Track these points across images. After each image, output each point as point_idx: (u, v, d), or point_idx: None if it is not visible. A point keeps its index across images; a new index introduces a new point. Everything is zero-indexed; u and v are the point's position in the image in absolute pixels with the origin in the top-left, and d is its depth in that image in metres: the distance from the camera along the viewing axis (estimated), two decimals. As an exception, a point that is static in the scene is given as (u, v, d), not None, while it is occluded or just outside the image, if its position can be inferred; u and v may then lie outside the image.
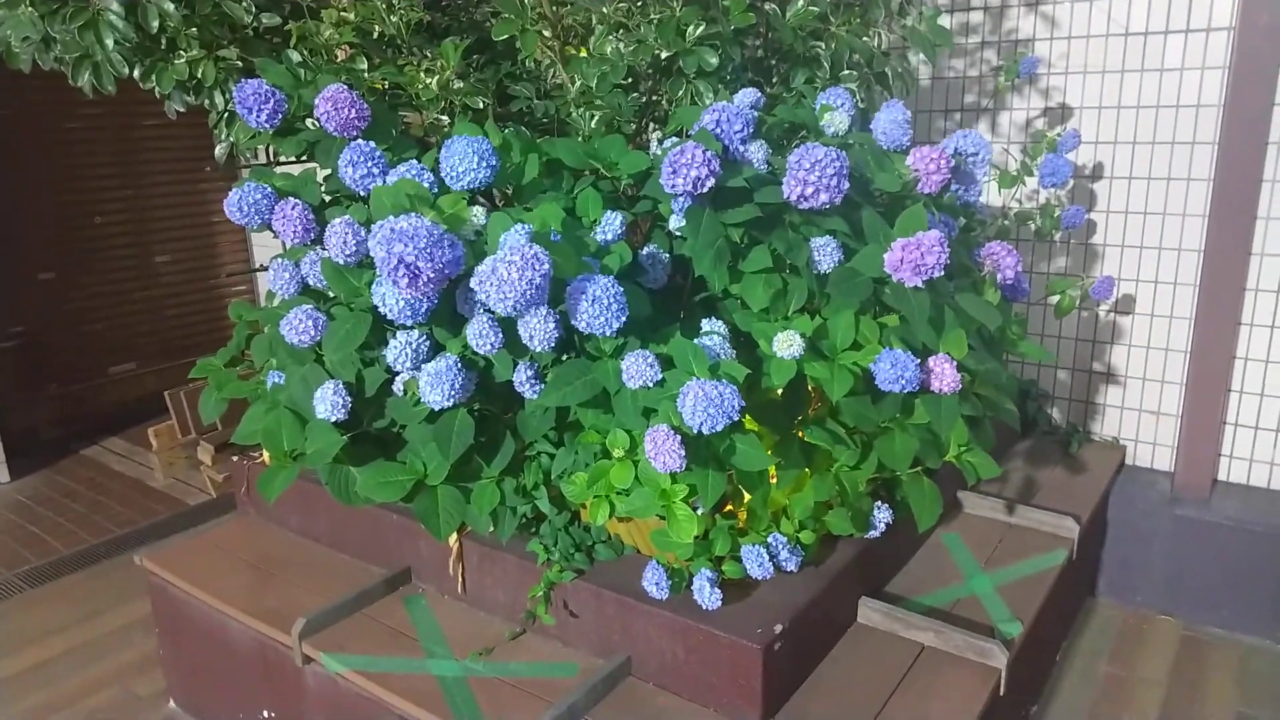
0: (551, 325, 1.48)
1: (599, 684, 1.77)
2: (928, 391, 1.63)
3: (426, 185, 1.75)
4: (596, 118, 2.05)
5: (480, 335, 1.62)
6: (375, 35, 2.25)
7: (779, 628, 1.69)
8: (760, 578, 1.76)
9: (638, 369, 1.55)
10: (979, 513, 2.50)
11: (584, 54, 2.10)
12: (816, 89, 2.01)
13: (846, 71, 2.09)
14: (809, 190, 1.52)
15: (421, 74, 2.10)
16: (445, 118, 2.17)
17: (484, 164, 1.71)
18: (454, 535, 2.09)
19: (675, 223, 1.67)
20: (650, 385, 1.54)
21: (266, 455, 2.36)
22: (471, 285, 1.43)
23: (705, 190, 1.52)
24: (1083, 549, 2.51)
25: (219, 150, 2.37)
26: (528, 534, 2.00)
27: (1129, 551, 2.80)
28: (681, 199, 1.63)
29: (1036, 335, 3.08)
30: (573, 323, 1.53)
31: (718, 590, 1.70)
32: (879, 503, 1.97)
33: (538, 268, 1.39)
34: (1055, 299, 2.53)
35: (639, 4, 1.89)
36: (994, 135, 3.02)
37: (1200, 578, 2.69)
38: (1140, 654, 2.62)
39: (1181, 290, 2.78)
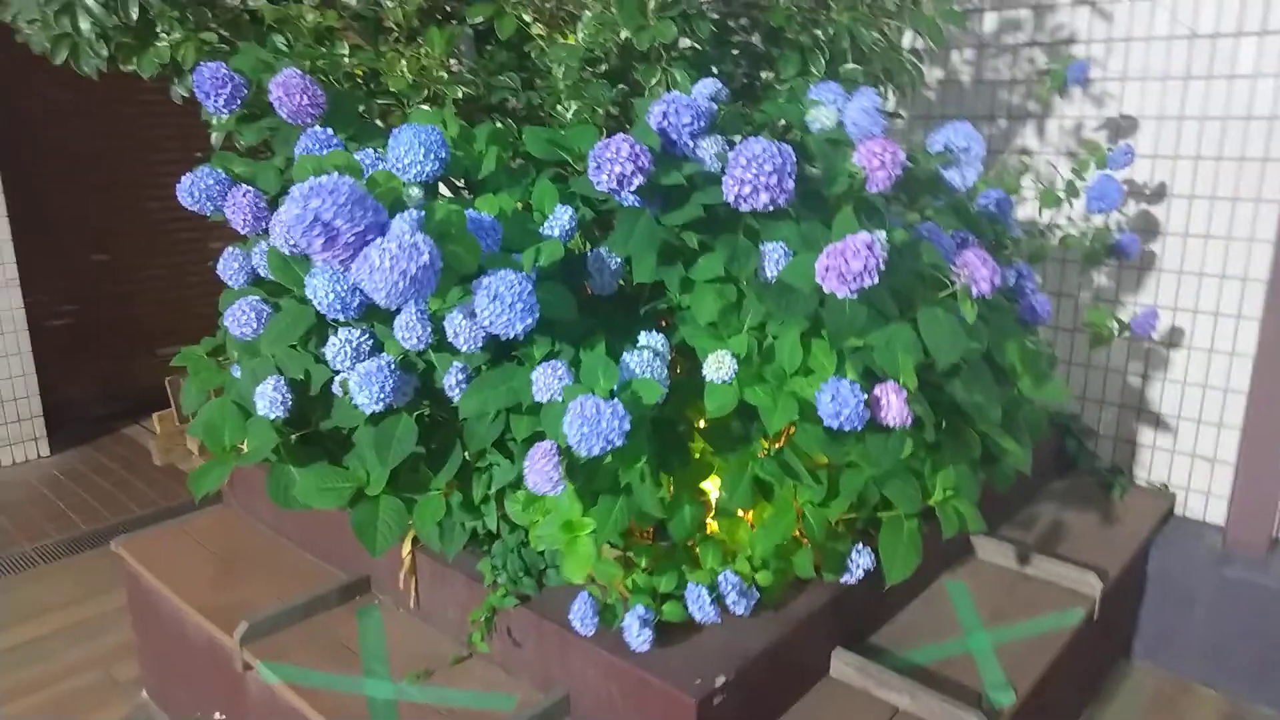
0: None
1: (528, 722, 1.64)
2: (877, 425, 1.45)
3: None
4: (574, 109, 1.92)
5: (407, 328, 1.51)
6: (374, 21, 2.18)
7: (721, 679, 1.52)
8: (701, 620, 1.59)
9: (545, 380, 1.42)
10: (992, 559, 2.27)
11: (571, 40, 1.98)
12: (808, 82, 1.83)
13: (850, 66, 1.90)
14: (746, 190, 1.36)
15: (401, 61, 2.01)
16: (427, 107, 2.08)
17: (431, 155, 1.60)
18: (406, 547, 1.98)
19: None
20: (558, 398, 1.41)
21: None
22: (350, 270, 1.30)
23: (632, 188, 1.37)
24: (1111, 607, 2.26)
25: (215, 137, 2.33)
26: (481, 551, 1.89)
27: (1170, 612, 2.51)
28: (625, 197, 1.49)
29: (1080, 365, 2.81)
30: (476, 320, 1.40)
31: (649, 630, 1.55)
32: (859, 545, 1.78)
33: (415, 258, 1.26)
34: (1093, 329, 2.29)
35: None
36: (1042, 143, 2.77)
37: (1250, 648, 2.39)
38: (1173, 728, 2.36)
39: (1245, 324, 2.48)
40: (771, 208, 1.41)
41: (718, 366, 1.43)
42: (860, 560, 1.76)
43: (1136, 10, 2.52)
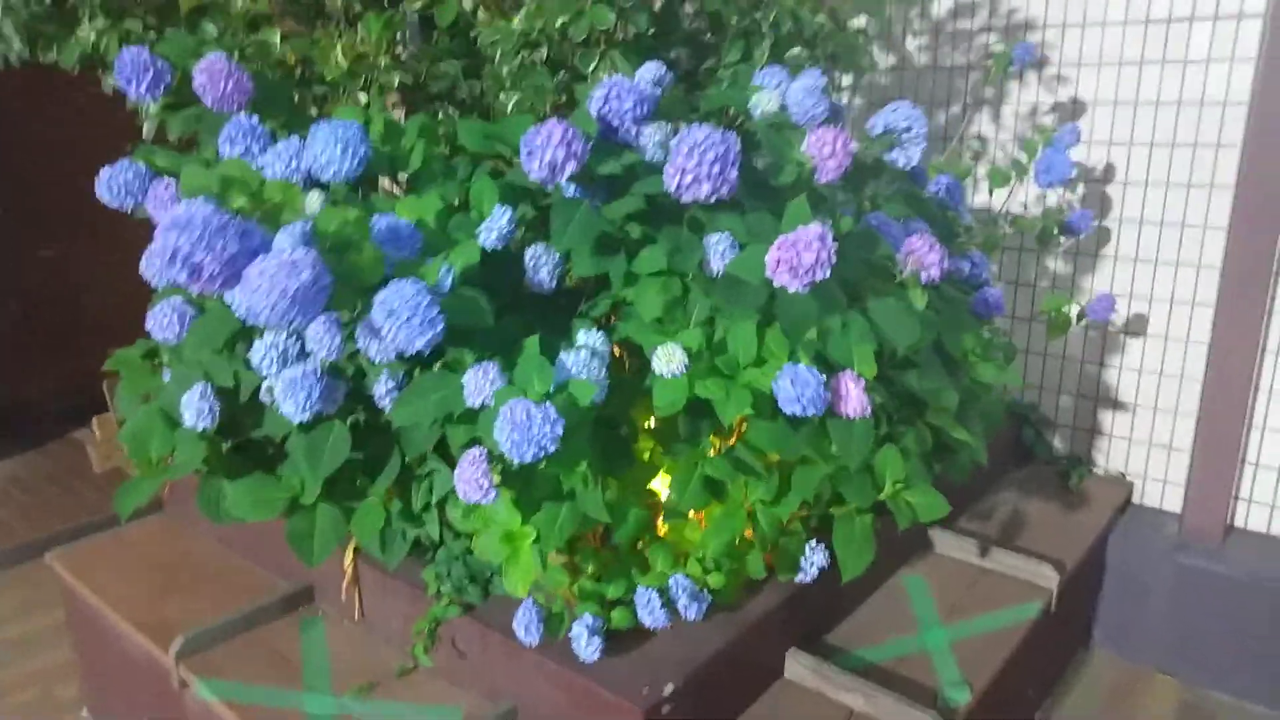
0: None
1: (472, 736, 1.58)
2: (836, 416, 1.41)
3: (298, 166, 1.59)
4: (515, 98, 1.85)
5: (317, 339, 1.44)
6: (312, 6, 2.10)
7: (669, 688, 1.48)
8: (651, 626, 1.55)
9: (476, 384, 1.36)
10: (950, 553, 2.24)
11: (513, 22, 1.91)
12: (752, 67, 1.78)
13: (795, 50, 1.85)
14: (688, 179, 1.31)
15: (336, 49, 1.93)
16: (364, 95, 2.00)
17: (349, 153, 1.53)
18: (349, 556, 1.92)
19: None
20: (491, 403, 1.35)
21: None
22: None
23: (565, 175, 1.31)
24: (1070, 598, 2.24)
25: (146, 128, 2.23)
26: (425, 560, 1.82)
27: (1128, 601, 2.51)
28: (565, 187, 1.43)
29: (1038, 354, 2.80)
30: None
31: (597, 639, 1.50)
32: (813, 542, 1.74)
33: (295, 274, 1.18)
34: (1050, 317, 2.27)
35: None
36: (999, 130, 2.75)
37: (1206, 635, 2.39)
38: (1132, 717, 2.34)
39: (1200, 311, 2.48)
40: (714, 198, 1.36)
41: (668, 360, 1.38)
42: (814, 558, 1.72)
43: (1090, -5, 2.50)
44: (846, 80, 3.03)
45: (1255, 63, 2.25)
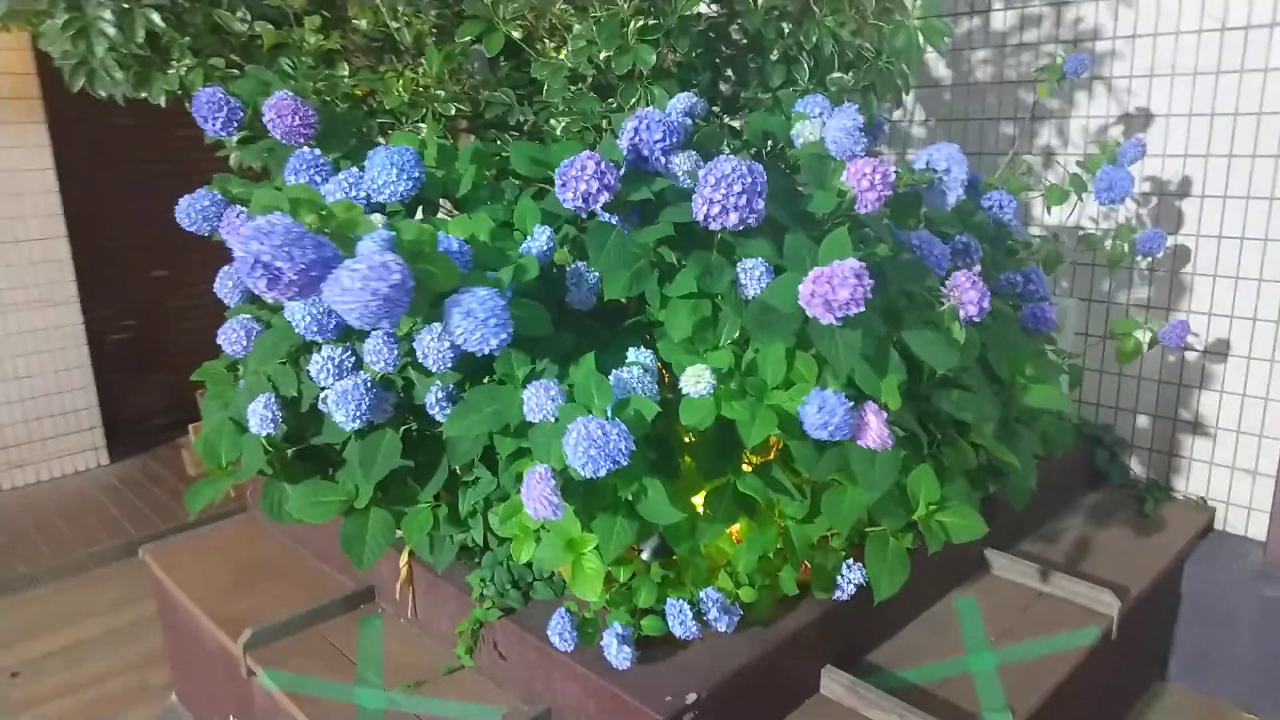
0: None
1: (507, 736, 1.64)
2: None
3: (358, 194, 1.70)
4: (563, 124, 1.93)
5: (375, 352, 1.54)
6: (388, 41, 2.23)
7: (691, 697, 1.50)
8: (683, 636, 1.58)
9: (538, 400, 1.41)
10: (1007, 576, 2.19)
11: (562, 54, 1.99)
12: (795, 93, 1.80)
13: (836, 75, 1.86)
14: (715, 209, 1.34)
15: (397, 80, 2.05)
16: (424, 124, 2.11)
17: (404, 176, 1.63)
18: (404, 557, 2.01)
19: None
20: (552, 419, 1.40)
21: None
22: (322, 292, 1.32)
23: (597, 205, 1.37)
24: (1137, 626, 2.16)
25: (233, 159, 2.40)
26: (473, 563, 1.90)
27: (1207, 632, 2.39)
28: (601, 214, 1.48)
29: (1113, 374, 2.70)
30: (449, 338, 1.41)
31: (628, 648, 1.53)
32: (850, 561, 1.74)
33: (385, 277, 1.27)
34: (1120, 342, 2.19)
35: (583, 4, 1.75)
36: (1066, 144, 2.68)
37: (1292, 672, 2.26)
38: (1208, 755, 2.24)
39: (1286, 330, 2.35)
40: (741, 227, 1.39)
41: (695, 380, 1.41)
42: (851, 576, 1.72)
43: (1162, 3, 2.42)
44: (909, 100, 3.00)
45: (1342, 69, 2.14)
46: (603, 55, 1.69)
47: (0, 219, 4.00)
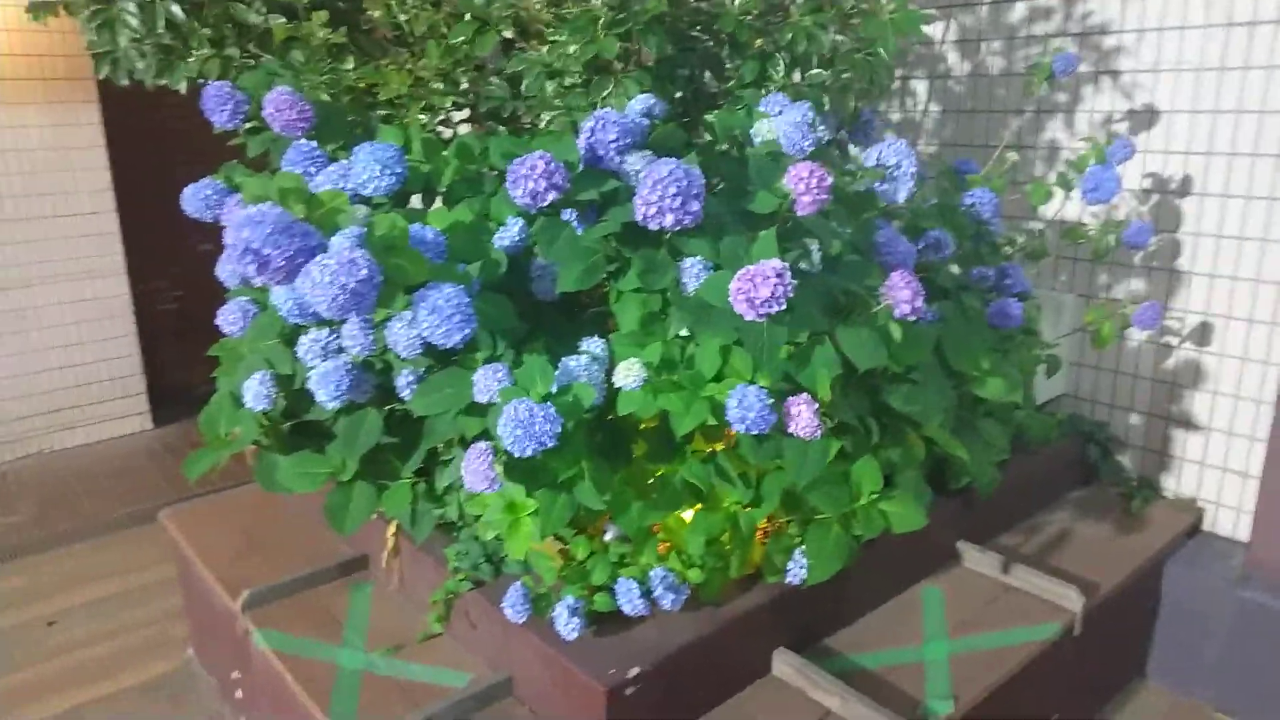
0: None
1: (467, 700, 1.75)
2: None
3: (347, 185, 1.79)
4: (550, 118, 2.00)
5: (352, 337, 1.64)
6: (396, 34, 2.32)
7: (635, 670, 1.59)
8: (630, 613, 1.66)
9: (485, 383, 1.51)
10: (977, 568, 2.22)
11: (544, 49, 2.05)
12: (766, 90, 1.84)
13: (814, 71, 1.89)
14: (652, 210, 1.40)
15: (394, 74, 2.13)
16: (424, 116, 2.20)
17: (387, 172, 1.72)
18: (391, 529, 2.13)
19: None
20: (496, 399, 1.49)
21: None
22: (295, 284, 1.43)
23: (545, 204, 1.44)
24: (1109, 624, 2.18)
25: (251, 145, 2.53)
26: (452, 537, 2.01)
27: (1185, 633, 2.39)
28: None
29: (1109, 370, 2.69)
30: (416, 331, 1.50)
31: (578, 619, 1.63)
32: (801, 546, 1.80)
33: (354, 272, 1.37)
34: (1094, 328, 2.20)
35: (566, 5, 1.82)
36: (1072, 137, 2.66)
37: (1268, 675, 2.25)
38: (1178, 754, 2.25)
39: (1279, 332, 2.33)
40: (678, 228, 1.45)
41: (626, 374, 1.49)
42: (802, 561, 1.78)
43: (1168, -2, 2.39)
44: (920, 92, 3.00)
45: (1343, 68, 2.10)
46: (572, 49, 1.75)
47: (53, 194, 4.22)
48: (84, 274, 4.36)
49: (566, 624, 1.62)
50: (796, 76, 1.96)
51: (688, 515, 1.76)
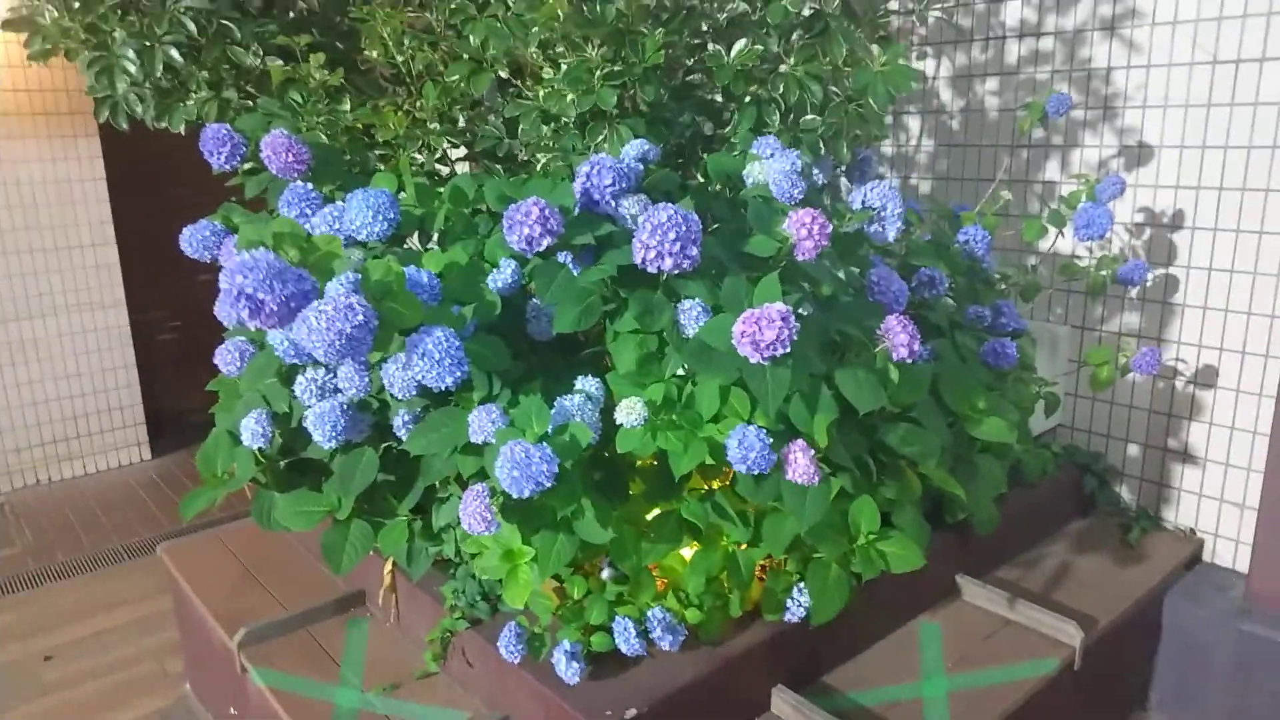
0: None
1: (464, 740, 1.74)
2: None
3: (341, 228, 1.81)
4: (544, 160, 2.02)
5: (348, 379, 1.65)
6: (394, 73, 2.35)
7: (631, 712, 1.59)
8: (628, 654, 1.66)
9: (480, 423, 1.52)
10: (976, 602, 2.22)
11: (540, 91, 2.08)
12: (767, 134, 1.86)
13: (807, 118, 1.92)
14: (651, 254, 1.42)
15: (391, 114, 2.16)
16: (420, 156, 2.23)
17: (380, 218, 1.75)
18: (388, 566, 2.13)
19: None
20: (492, 440, 1.50)
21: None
22: (291, 330, 1.44)
23: (540, 249, 1.46)
24: (1108, 657, 2.18)
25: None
26: (450, 575, 2.01)
27: (1186, 666, 2.39)
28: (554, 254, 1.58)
29: (1105, 402, 2.70)
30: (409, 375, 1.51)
31: (577, 664, 1.62)
32: (800, 584, 1.80)
33: (350, 318, 1.38)
34: (1095, 371, 2.21)
35: (559, 50, 1.84)
36: (1064, 174, 2.69)
37: (1271, 709, 2.25)
38: (1179, 789, 2.24)
39: (1273, 364, 2.34)
40: (676, 271, 1.46)
41: (628, 412, 1.50)
42: (801, 599, 1.78)
43: (1157, 36, 2.42)
44: (914, 128, 3.03)
45: (1329, 105, 2.13)
46: (569, 98, 1.77)
47: (55, 227, 4.25)
48: (84, 305, 4.38)
49: (567, 668, 1.62)
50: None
51: (686, 554, 1.76)
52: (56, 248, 4.29)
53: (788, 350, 1.36)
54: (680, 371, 1.58)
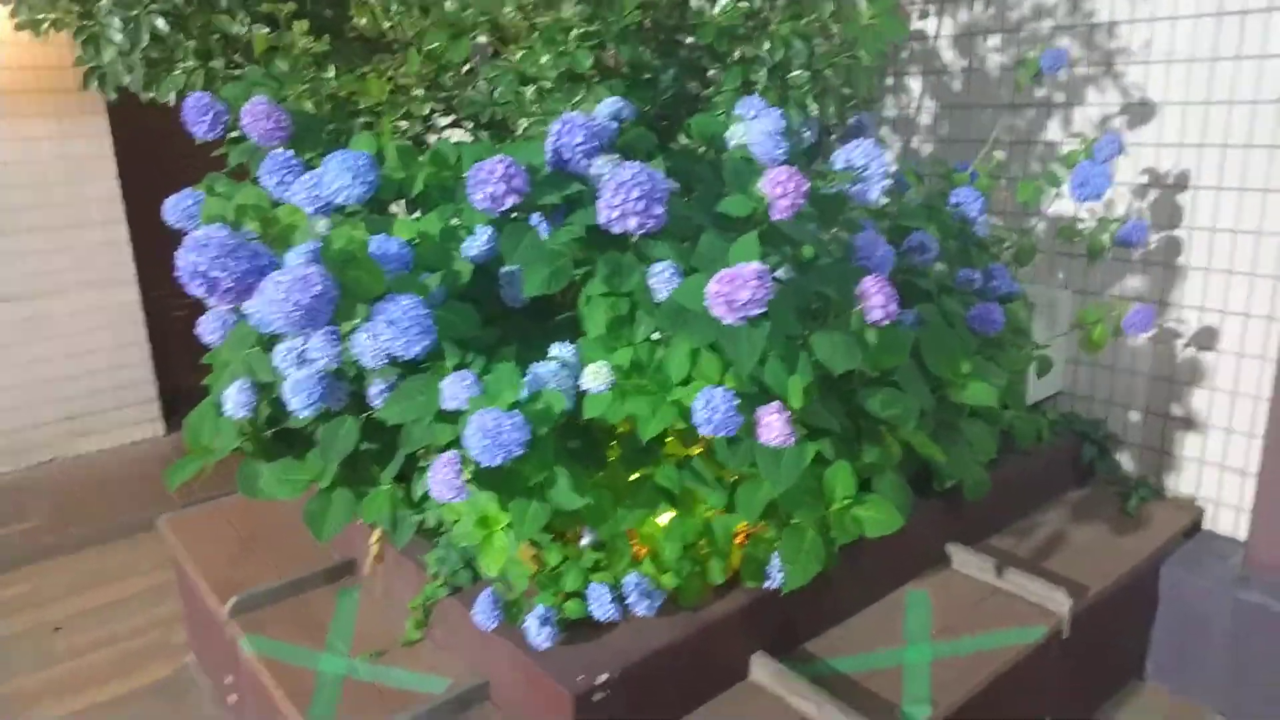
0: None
1: (444, 705, 1.75)
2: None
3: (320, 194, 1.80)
4: (527, 124, 2.00)
5: (318, 349, 1.65)
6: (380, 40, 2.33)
7: (603, 676, 1.59)
8: (601, 619, 1.66)
9: (453, 391, 1.51)
10: (966, 570, 2.20)
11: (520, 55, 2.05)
12: (753, 92, 1.82)
13: (794, 73, 1.88)
14: (615, 214, 1.40)
15: (374, 82, 2.14)
16: (404, 123, 2.21)
17: (358, 180, 1.73)
18: (375, 535, 2.14)
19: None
20: (465, 408, 1.50)
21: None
22: (249, 302, 1.44)
23: (504, 208, 1.44)
24: (1101, 625, 2.15)
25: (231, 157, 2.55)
26: (433, 543, 2.01)
27: (1184, 634, 2.35)
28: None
29: (1106, 368, 2.65)
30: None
31: (549, 629, 1.62)
32: (780, 551, 1.78)
33: (308, 288, 1.37)
34: (1087, 330, 2.17)
35: (537, 12, 1.81)
36: (1068, 133, 2.62)
37: (1268, 678, 2.21)
38: (1175, 757, 2.21)
39: (1278, 327, 2.28)
40: (642, 231, 1.44)
41: (594, 377, 1.48)
42: (781, 565, 1.77)
43: (1158, -12, 2.34)
44: (915, 89, 2.97)
45: (1336, 56, 2.06)
46: (545, 59, 1.75)
47: (64, 205, 4.29)
48: (95, 283, 4.42)
49: (538, 634, 1.62)
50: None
51: (663, 520, 1.75)
52: (66, 226, 4.32)
53: (763, 311, 1.33)
54: (655, 336, 1.56)
